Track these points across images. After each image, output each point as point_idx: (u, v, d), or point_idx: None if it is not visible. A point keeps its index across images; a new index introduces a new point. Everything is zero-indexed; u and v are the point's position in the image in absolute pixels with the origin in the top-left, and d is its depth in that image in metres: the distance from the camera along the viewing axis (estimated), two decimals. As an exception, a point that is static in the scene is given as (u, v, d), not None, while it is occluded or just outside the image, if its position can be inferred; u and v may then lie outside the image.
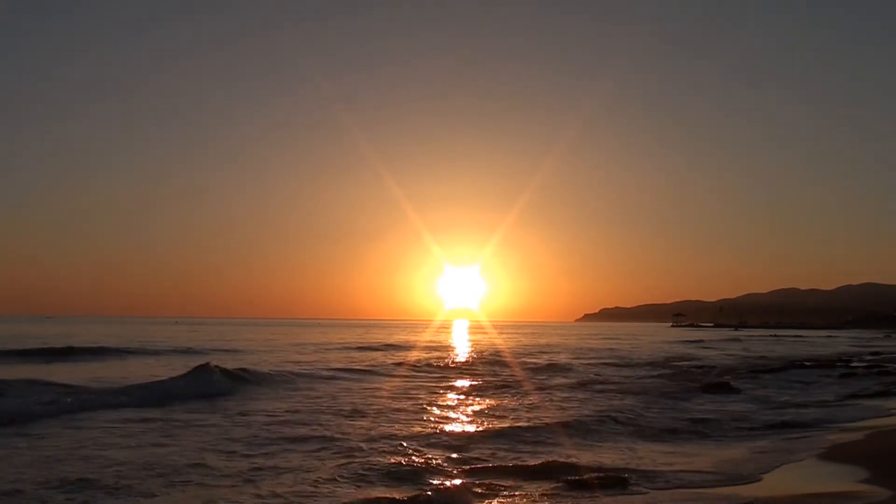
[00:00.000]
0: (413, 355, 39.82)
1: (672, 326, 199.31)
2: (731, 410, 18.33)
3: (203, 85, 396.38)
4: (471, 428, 14.56)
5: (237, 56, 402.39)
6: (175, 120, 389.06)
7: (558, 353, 47.39)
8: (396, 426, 14.48)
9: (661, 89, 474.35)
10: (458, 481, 9.76)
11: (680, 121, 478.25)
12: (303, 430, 13.73)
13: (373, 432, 13.59)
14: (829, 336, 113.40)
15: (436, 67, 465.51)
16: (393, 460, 10.92)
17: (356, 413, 16.44)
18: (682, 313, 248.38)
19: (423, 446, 12.19)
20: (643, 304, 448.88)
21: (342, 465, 10.62)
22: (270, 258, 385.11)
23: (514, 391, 22.18)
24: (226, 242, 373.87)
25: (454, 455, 11.51)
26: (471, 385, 24.50)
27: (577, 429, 14.52)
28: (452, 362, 35.07)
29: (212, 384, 20.81)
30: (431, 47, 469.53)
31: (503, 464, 10.94)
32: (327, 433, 13.44)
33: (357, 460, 10.90)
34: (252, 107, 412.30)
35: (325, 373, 27.51)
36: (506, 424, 14.92)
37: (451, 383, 24.95)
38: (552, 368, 32.95)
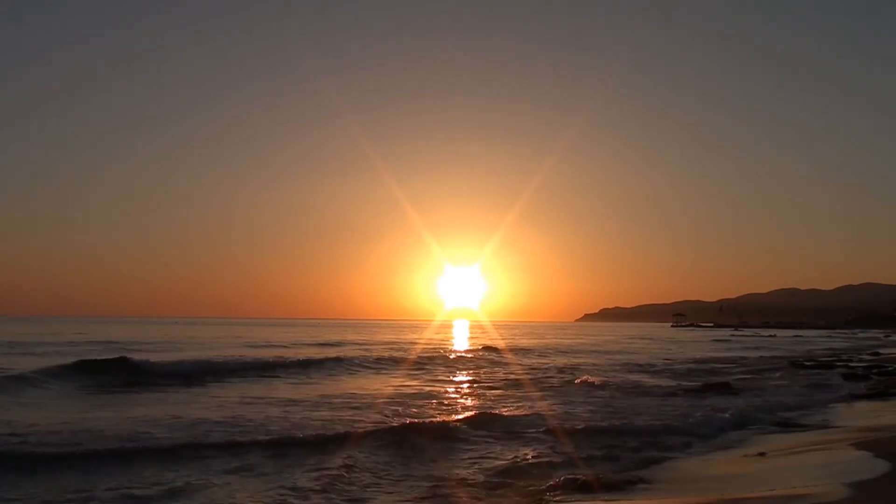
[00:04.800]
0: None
1: (672, 326, 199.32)
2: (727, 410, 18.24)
3: (199, 81, 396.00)
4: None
5: (233, 50, 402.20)
6: (172, 118, 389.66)
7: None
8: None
9: (661, 90, 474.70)
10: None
11: (680, 120, 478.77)
12: None
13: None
14: (829, 336, 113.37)
15: (436, 65, 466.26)
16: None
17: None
18: (682, 313, 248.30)
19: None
20: (643, 304, 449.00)
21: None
22: (269, 258, 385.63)
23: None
24: (224, 242, 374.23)
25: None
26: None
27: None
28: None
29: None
30: (431, 45, 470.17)
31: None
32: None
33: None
34: (251, 103, 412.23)
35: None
36: None
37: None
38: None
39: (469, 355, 40.61)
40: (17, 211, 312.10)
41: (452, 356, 39.47)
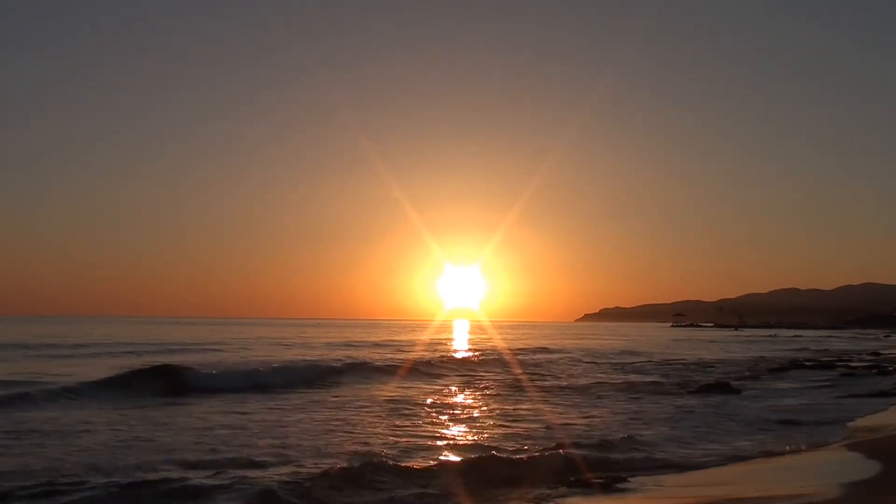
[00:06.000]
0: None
1: (672, 326, 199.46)
2: (730, 410, 18.35)
3: (197, 77, 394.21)
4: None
5: (229, 45, 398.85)
6: (169, 117, 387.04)
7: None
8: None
9: (661, 89, 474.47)
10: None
11: (681, 120, 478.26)
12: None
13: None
14: (829, 336, 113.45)
15: (437, 64, 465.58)
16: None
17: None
18: (682, 313, 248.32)
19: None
20: (643, 304, 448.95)
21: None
22: (268, 258, 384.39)
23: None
24: (222, 242, 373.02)
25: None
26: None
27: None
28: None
29: None
30: (432, 43, 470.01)
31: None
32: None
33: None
34: (250, 101, 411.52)
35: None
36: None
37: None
38: None
39: (517, 357, 40.59)
40: (12, 210, 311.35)
41: (494, 358, 39.26)
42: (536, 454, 11.99)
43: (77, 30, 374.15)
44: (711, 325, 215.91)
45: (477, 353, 42.85)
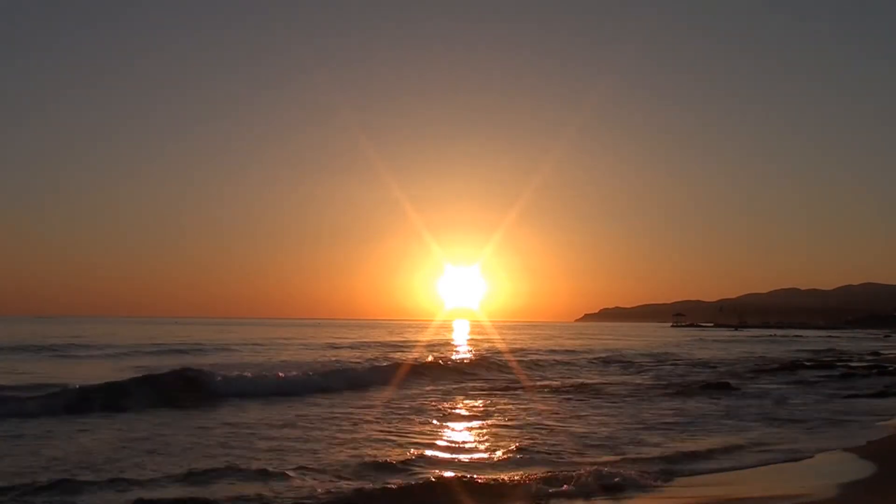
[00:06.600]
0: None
1: (672, 326, 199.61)
2: (730, 409, 18.41)
3: (196, 76, 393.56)
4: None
5: (229, 45, 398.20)
6: (169, 117, 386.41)
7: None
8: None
9: (661, 89, 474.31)
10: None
11: (681, 120, 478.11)
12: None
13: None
14: (829, 336, 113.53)
15: (437, 63, 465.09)
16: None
17: None
18: (682, 313, 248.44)
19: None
20: (643, 304, 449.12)
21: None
22: (268, 258, 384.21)
23: None
24: (222, 242, 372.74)
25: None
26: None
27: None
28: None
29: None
30: (432, 43, 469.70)
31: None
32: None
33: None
34: (249, 101, 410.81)
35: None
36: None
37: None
38: None
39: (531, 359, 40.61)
40: (12, 210, 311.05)
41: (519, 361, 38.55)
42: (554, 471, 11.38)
43: (77, 30, 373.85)
44: (711, 325, 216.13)
45: (481, 355, 42.86)
